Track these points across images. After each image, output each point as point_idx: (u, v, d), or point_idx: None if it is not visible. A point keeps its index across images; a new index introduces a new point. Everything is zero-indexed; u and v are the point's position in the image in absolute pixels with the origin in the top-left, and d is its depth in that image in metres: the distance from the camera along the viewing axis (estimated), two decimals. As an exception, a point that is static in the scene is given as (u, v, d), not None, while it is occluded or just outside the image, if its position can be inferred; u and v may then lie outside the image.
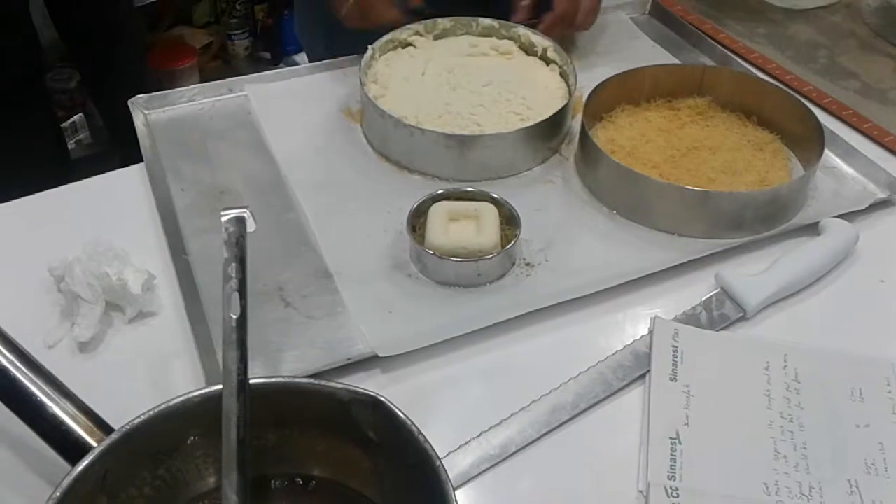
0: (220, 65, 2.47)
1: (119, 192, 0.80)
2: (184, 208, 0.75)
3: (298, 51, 2.44)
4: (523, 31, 0.90)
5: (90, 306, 0.64)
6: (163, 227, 0.73)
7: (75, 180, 0.82)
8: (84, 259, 0.65)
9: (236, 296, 0.50)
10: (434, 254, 0.68)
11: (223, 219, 0.53)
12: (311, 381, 0.51)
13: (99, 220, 0.75)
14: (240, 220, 0.53)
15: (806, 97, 0.89)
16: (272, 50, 2.46)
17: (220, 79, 0.93)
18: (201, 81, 2.32)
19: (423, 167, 0.80)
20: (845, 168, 0.80)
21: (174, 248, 0.70)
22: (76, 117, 2.14)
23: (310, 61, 1.24)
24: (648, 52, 0.96)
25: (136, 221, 0.75)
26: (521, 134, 0.78)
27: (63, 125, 2.11)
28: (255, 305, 0.64)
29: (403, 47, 0.90)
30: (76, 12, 1.71)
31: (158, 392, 0.60)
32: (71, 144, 2.11)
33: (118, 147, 1.87)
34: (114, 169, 0.83)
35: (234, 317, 0.50)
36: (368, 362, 0.63)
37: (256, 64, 2.47)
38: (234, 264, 0.51)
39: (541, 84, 0.86)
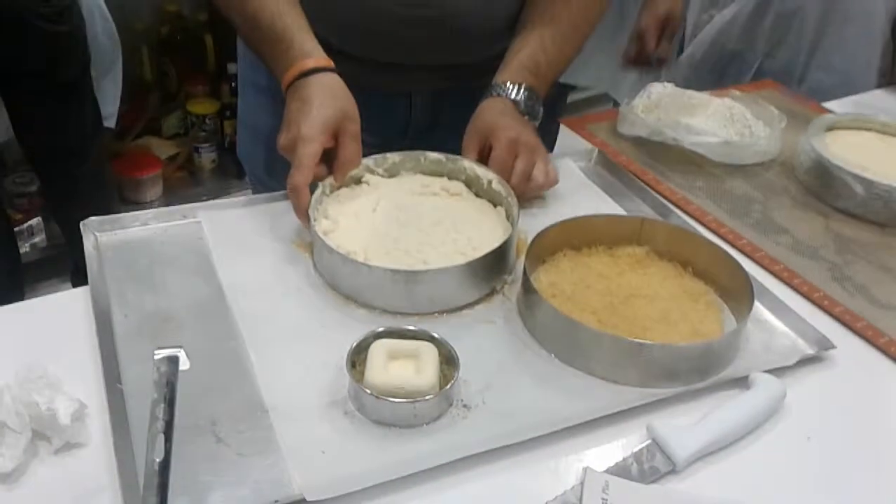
0: (185, 176, 2.51)
1: (62, 315, 0.79)
2: (123, 335, 0.75)
3: (264, 167, 2.48)
4: (468, 164, 0.94)
5: (16, 435, 0.63)
6: (101, 353, 0.72)
7: (25, 286, 0.82)
8: (14, 386, 0.64)
9: (161, 438, 0.50)
10: (371, 393, 0.68)
11: (155, 358, 0.53)
12: (231, 530, 0.51)
13: (38, 343, 0.74)
14: (172, 360, 0.53)
15: (740, 251, 0.93)
16: (238, 165, 2.50)
17: (184, 189, 0.95)
18: (165, 192, 2.39)
19: (370, 301, 0.81)
20: (776, 322, 0.83)
21: (109, 377, 0.70)
22: (34, 220, 2.14)
23: (251, 184, 1.28)
24: (593, 199, 1.00)
25: (76, 346, 0.75)
26: (464, 269, 0.80)
27: (20, 228, 2.10)
28: (186, 440, 0.64)
29: (357, 183, 0.93)
30: (40, 131, 1.75)
31: (76, 530, 0.59)
32: (25, 248, 2.10)
33: (73, 254, 1.86)
34: (65, 276, 0.83)
35: (157, 461, 0.50)
36: (296, 505, 0.62)
37: (222, 177, 2.51)
38: (162, 405, 0.52)
39: (487, 226, 0.89)
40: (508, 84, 0.98)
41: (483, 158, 0.95)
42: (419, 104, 1.11)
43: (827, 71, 1.47)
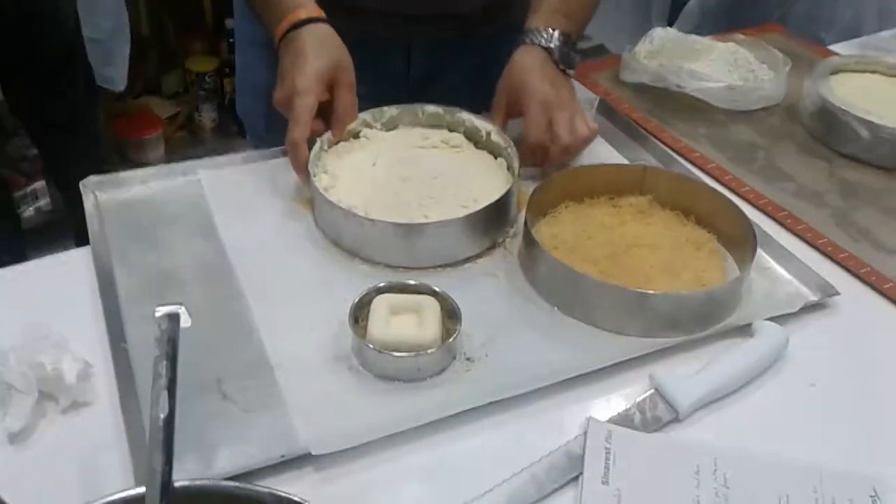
0: (186, 135, 2.50)
1: (64, 276, 0.79)
2: (127, 294, 0.75)
3: (265, 124, 2.47)
4: (467, 116, 0.93)
5: (23, 396, 0.63)
6: (104, 313, 0.73)
7: (31, 250, 0.82)
8: (20, 347, 0.65)
9: (165, 394, 0.50)
10: (374, 348, 0.69)
11: (156, 315, 0.53)
12: (237, 484, 0.51)
13: (41, 304, 0.75)
14: (173, 317, 0.53)
15: (743, 198, 0.93)
16: (239, 123, 2.49)
17: (186, 149, 0.95)
18: (167, 152, 2.38)
19: (372, 255, 0.81)
20: (779, 270, 0.83)
21: (114, 336, 0.70)
22: (37, 184, 2.14)
23: (251, 141, 1.27)
24: (595, 149, 0.98)
25: (79, 306, 0.75)
26: (465, 221, 0.80)
27: (23, 192, 2.10)
28: (192, 398, 0.65)
29: (355, 137, 0.92)
30: (31, 103, 1.73)
31: (86, 488, 0.60)
32: (30, 211, 2.11)
33: (73, 220, 1.86)
34: (70, 240, 0.83)
35: (162, 416, 0.50)
36: (302, 459, 0.62)
37: (223, 136, 2.50)
38: (164, 362, 0.51)
39: (488, 177, 0.89)
40: (542, 30, 0.92)
41: (511, 117, 0.92)
42: (417, 56, 1.10)
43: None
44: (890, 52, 1.19)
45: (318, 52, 0.86)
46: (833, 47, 1.28)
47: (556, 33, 0.92)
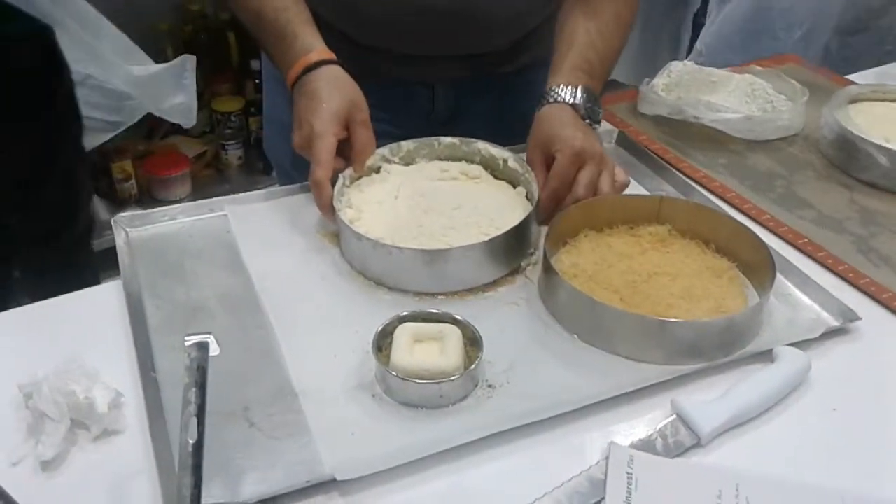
0: (213, 173, 2.54)
1: (95, 308, 0.81)
2: (156, 326, 0.77)
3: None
4: (483, 146, 0.95)
5: (55, 424, 0.65)
6: (135, 344, 0.75)
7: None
8: (52, 377, 0.67)
9: (194, 421, 0.52)
10: (398, 375, 0.70)
11: (186, 344, 0.55)
12: (263, 508, 0.52)
13: (74, 336, 0.77)
14: (202, 346, 0.55)
15: (763, 226, 0.93)
16: (265, 160, 2.53)
17: (212, 187, 0.97)
18: (193, 189, 2.42)
19: (398, 284, 0.83)
20: (800, 296, 0.83)
21: (143, 366, 0.72)
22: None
23: (278, 178, 1.30)
24: (615, 180, 1.00)
25: (109, 338, 0.77)
26: (487, 246, 0.82)
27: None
28: (220, 425, 0.67)
29: (376, 172, 0.94)
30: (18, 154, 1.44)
31: (116, 514, 0.61)
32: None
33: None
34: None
35: (191, 442, 0.51)
36: (328, 485, 0.63)
37: (249, 173, 2.54)
38: (193, 389, 0.53)
39: (509, 206, 0.90)
40: (563, 87, 0.93)
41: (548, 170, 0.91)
42: (441, 94, 1.12)
43: None
44: (907, 81, 1.19)
45: (332, 93, 0.89)
46: (850, 77, 1.29)
47: (580, 88, 0.93)
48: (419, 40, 1.04)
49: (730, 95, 1.16)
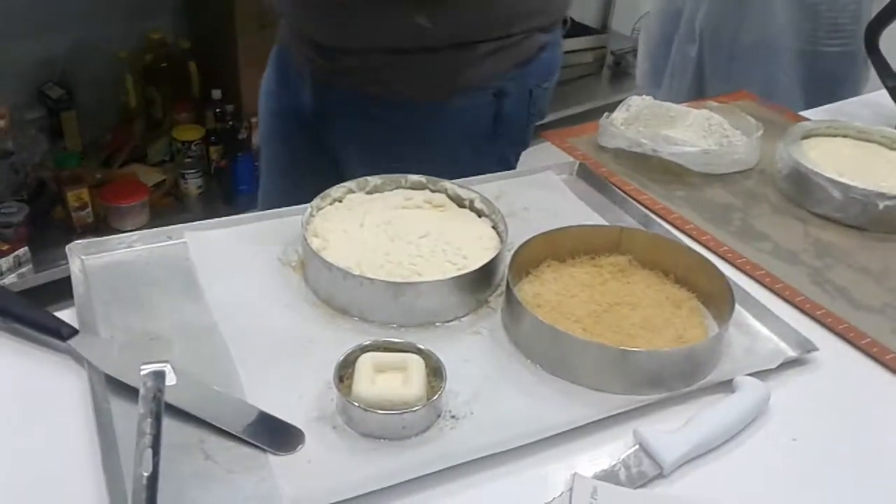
0: (172, 202, 2.51)
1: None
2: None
3: (250, 191, 2.50)
4: (450, 185, 0.95)
5: (3, 457, 0.63)
6: (88, 374, 0.72)
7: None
8: None
9: (149, 452, 0.50)
10: (359, 406, 0.69)
11: (142, 373, 0.54)
12: (220, 542, 0.51)
13: (24, 362, 0.74)
14: (158, 375, 0.54)
15: (722, 257, 0.95)
16: (225, 190, 2.51)
17: (171, 216, 0.96)
18: (152, 219, 2.39)
19: (365, 315, 0.82)
20: (759, 327, 0.84)
21: (97, 397, 0.70)
22: (20, 250, 2.14)
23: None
24: (576, 211, 1.01)
25: (63, 367, 0.75)
26: (456, 282, 0.81)
27: (6, 258, 2.09)
28: (175, 458, 0.65)
29: (339, 202, 0.94)
30: None
31: (65, 550, 0.58)
32: (13, 278, 2.10)
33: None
34: (54, 306, 0.82)
35: (146, 475, 0.50)
36: (286, 519, 0.62)
37: (209, 203, 2.51)
38: (149, 420, 0.52)
39: (474, 235, 0.90)
40: None
41: None
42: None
43: None
44: (858, 118, 1.23)
45: None
46: (804, 113, 1.33)
47: None
48: None
49: (687, 130, 1.18)
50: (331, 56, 1.17)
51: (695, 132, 1.17)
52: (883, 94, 1.32)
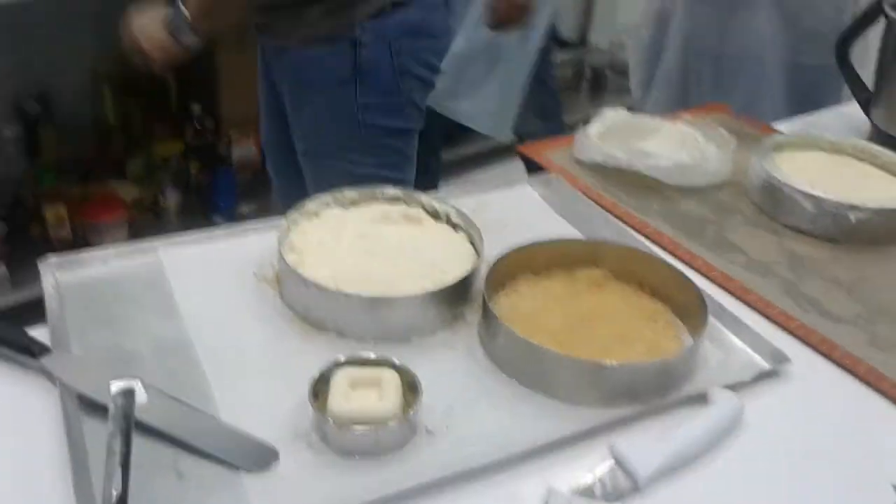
0: (151, 218, 2.50)
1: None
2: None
3: (230, 207, 2.49)
4: (426, 199, 0.95)
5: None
6: (59, 393, 0.72)
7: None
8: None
9: (119, 472, 0.50)
10: (334, 422, 0.68)
11: (112, 390, 0.53)
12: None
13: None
14: (128, 393, 0.53)
15: (697, 270, 0.95)
16: (204, 205, 2.50)
17: (150, 231, 0.95)
18: (130, 235, 2.37)
19: (341, 329, 0.82)
20: (733, 339, 0.84)
21: (69, 414, 0.69)
22: (-1, 270, 2.12)
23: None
24: (553, 225, 1.02)
25: (36, 385, 0.74)
26: (432, 296, 0.82)
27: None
28: (147, 477, 0.64)
29: (317, 216, 0.94)
30: None
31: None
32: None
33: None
34: (32, 324, 0.81)
35: (116, 493, 0.49)
36: (259, 537, 0.61)
37: (188, 218, 2.50)
38: (118, 438, 0.51)
39: (451, 249, 0.90)
40: None
41: None
42: None
43: None
44: (831, 129, 1.24)
45: None
46: (776, 125, 1.34)
47: None
48: None
49: (662, 143, 1.19)
50: (259, 15, 1.42)
51: (669, 145, 1.18)
52: (855, 106, 1.34)
